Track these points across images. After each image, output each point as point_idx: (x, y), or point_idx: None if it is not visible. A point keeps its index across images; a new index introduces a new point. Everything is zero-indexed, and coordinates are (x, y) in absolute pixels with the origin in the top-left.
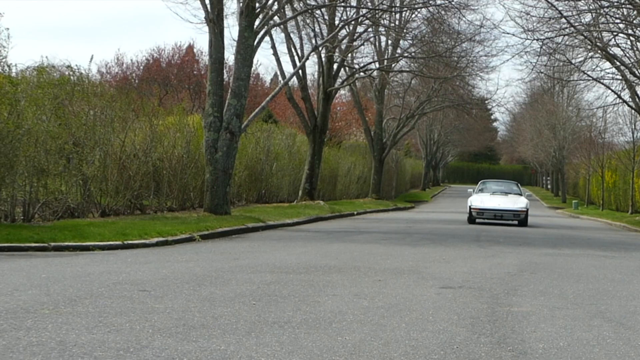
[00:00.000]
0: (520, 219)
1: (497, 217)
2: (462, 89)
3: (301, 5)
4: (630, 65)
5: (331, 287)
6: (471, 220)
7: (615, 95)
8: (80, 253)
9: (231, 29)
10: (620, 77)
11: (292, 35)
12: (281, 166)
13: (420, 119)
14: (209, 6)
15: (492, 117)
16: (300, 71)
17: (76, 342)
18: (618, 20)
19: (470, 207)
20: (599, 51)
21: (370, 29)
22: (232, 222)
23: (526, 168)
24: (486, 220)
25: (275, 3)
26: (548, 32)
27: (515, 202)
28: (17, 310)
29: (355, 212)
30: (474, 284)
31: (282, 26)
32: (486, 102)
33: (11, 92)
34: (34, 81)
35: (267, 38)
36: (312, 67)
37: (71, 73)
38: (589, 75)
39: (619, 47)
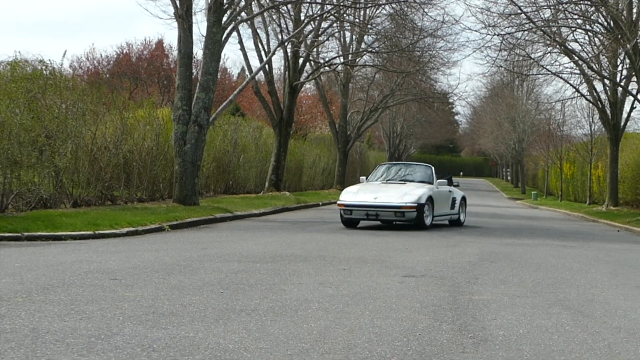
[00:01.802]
0: (407, 218)
1: (371, 216)
2: (425, 83)
3: (268, 1)
4: (588, 59)
5: (297, 275)
6: (344, 221)
7: (574, 89)
8: (52, 243)
9: (200, 25)
10: (579, 72)
11: (258, 30)
12: (248, 158)
13: (383, 112)
14: (178, 3)
15: (454, 110)
16: (266, 66)
17: (49, 329)
18: (576, 16)
19: (339, 201)
20: (558, 46)
21: (335, 25)
22: (201, 212)
23: (487, 160)
24: (362, 220)
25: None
26: (508, 27)
27: (406, 194)
28: None
29: (320, 203)
30: (436, 272)
31: (249, 22)
32: (448, 95)
33: None
34: (7, 75)
35: (234, 33)
36: (278, 62)
37: (44, 67)
38: (548, 70)
39: (577, 42)
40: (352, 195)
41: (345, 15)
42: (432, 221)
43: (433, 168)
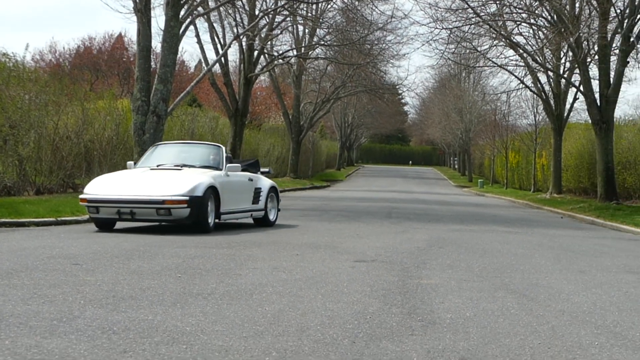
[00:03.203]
0: (175, 217)
1: (124, 215)
2: (375, 74)
3: None
4: (533, 52)
5: (252, 260)
6: (95, 223)
7: (519, 81)
8: (16, 229)
9: (158, 19)
10: (523, 64)
11: (215, 24)
12: None
13: (335, 103)
14: None
15: (403, 101)
16: (222, 58)
17: (12, 313)
18: (521, 10)
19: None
20: (504, 39)
21: (288, 19)
22: None
23: (435, 149)
24: (115, 220)
25: None
26: (456, 21)
27: (176, 183)
28: None
29: None
30: (386, 258)
31: (205, 16)
32: (397, 87)
33: None
34: None
35: (191, 27)
36: (233, 55)
37: (7, 60)
38: (494, 62)
39: (522, 35)
40: (100, 186)
41: (298, 9)
42: (220, 220)
43: (223, 148)
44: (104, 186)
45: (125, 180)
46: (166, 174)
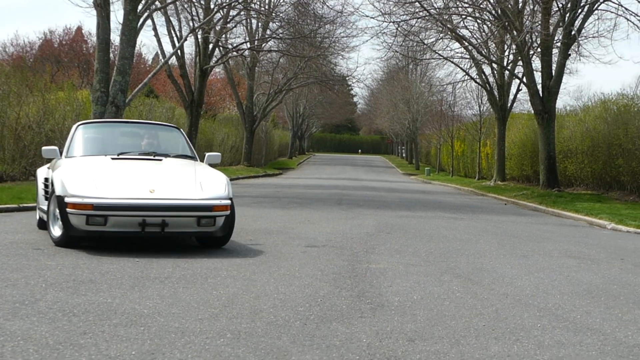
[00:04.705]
0: (214, 229)
1: (150, 227)
2: (325, 66)
3: None
4: (477, 45)
5: (207, 246)
6: (64, 238)
7: (464, 73)
8: None
9: (117, 13)
10: (469, 57)
11: (171, 18)
12: None
13: (287, 94)
14: None
15: (352, 92)
16: (179, 51)
17: None
18: (467, 5)
19: (58, 196)
20: (450, 33)
21: (242, 13)
22: None
23: (383, 138)
24: (133, 234)
25: None
26: (403, 15)
27: (208, 179)
28: None
29: (229, 178)
30: (336, 243)
31: (162, 10)
32: (347, 78)
33: None
34: None
35: (149, 21)
36: (189, 47)
37: None
38: (440, 55)
39: (468, 29)
40: (92, 184)
41: (251, 4)
42: None
43: (183, 132)
44: (99, 184)
45: (124, 176)
46: (165, 167)
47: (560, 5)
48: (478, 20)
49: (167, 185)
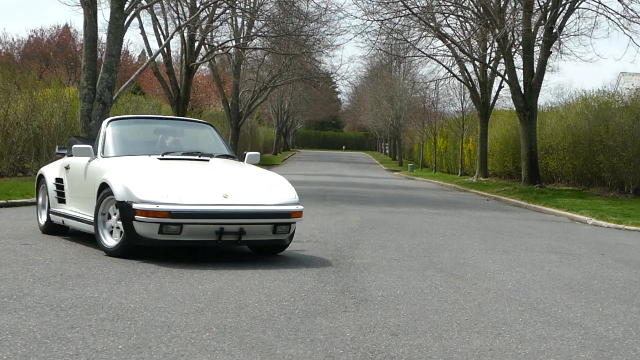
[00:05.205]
0: (286, 236)
1: (227, 236)
2: (310, 64)
3: None
4: (460, 43)
5: None
6: (125, 248)
7: (447, 70)
8: None
9: (104, 11)
10: (451, 54)
11: (158, 16)
12: None
13: (272, 91)
14: None
15: (337, 89)
16: (165, 49)
17: None
18: (449, 3)
19: (122, 202)
20: (432, 31)
21: (227, 11)
22: None
23: (367, 135)
24: (208, 244)
25: None
26: (387, 13)
27: (276, 184)
28: None
29: None
30: (321, 238)
31: (149, 8)
32: (331, 76)
33: None
34: None
35: (135, 19)
36: (176, 45)
37: None
38: (423, 52)
39: (450, 27)
40: (163, 189)
41: (237, 2)
42: None
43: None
44: (173, 190)
45: (192, 180)
46: (225, 169)
47: (541, 4)
48: (460, 19)
49: (240, 190)
